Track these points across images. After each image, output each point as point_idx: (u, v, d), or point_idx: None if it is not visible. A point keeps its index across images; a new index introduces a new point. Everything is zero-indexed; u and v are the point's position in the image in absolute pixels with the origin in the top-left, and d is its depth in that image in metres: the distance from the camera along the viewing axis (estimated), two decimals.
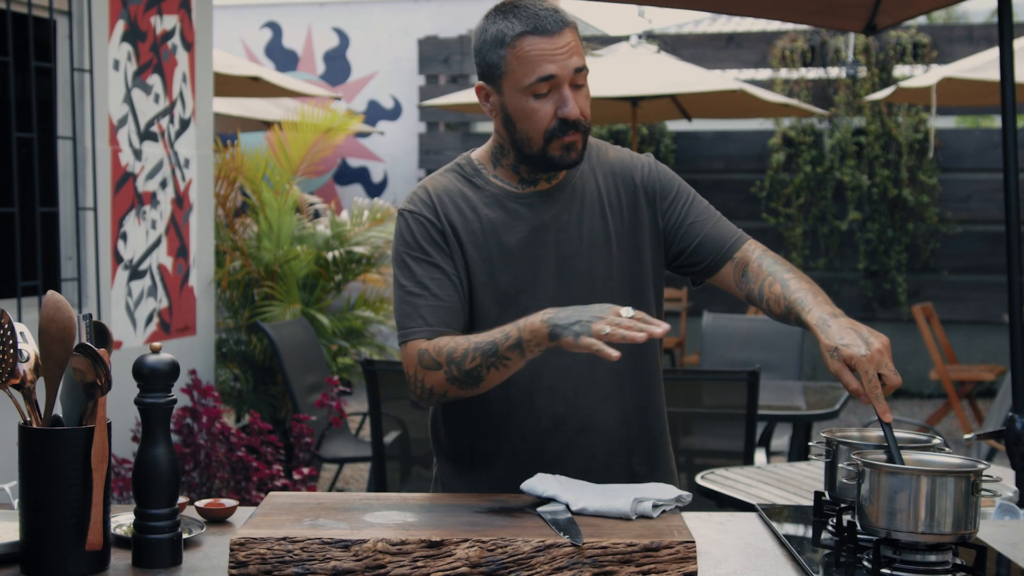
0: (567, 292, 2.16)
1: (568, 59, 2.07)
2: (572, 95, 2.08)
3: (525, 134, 2.12)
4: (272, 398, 6.73)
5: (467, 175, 2.21)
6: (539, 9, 2.08)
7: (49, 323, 1.77)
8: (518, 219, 2.17)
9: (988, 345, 9.55)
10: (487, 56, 2.11)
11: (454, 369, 2.02)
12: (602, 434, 2.20)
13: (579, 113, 2.09)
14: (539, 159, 2.13)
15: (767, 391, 5.03)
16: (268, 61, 11.49)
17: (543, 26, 2.06)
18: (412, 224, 2.16)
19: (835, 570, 1.80)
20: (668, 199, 2.22)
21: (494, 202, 2.18)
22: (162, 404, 1.78)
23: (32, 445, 1.73)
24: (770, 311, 2.10)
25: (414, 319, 2.10)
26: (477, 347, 2.00)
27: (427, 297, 2.11)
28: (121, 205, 5.24)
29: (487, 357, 1.99)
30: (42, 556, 1.72)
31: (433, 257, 2.14)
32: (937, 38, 10.09)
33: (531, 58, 2.06)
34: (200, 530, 1.92)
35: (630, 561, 1.73)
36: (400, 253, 2.16)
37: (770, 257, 2.15)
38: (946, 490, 1.74)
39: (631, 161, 2.26)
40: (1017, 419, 3.07)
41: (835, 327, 1.92)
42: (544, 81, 2.06)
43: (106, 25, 5.09)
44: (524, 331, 1.95)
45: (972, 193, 9.89)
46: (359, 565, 1.72)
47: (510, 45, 2.07)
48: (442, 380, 2.05)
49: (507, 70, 2.09)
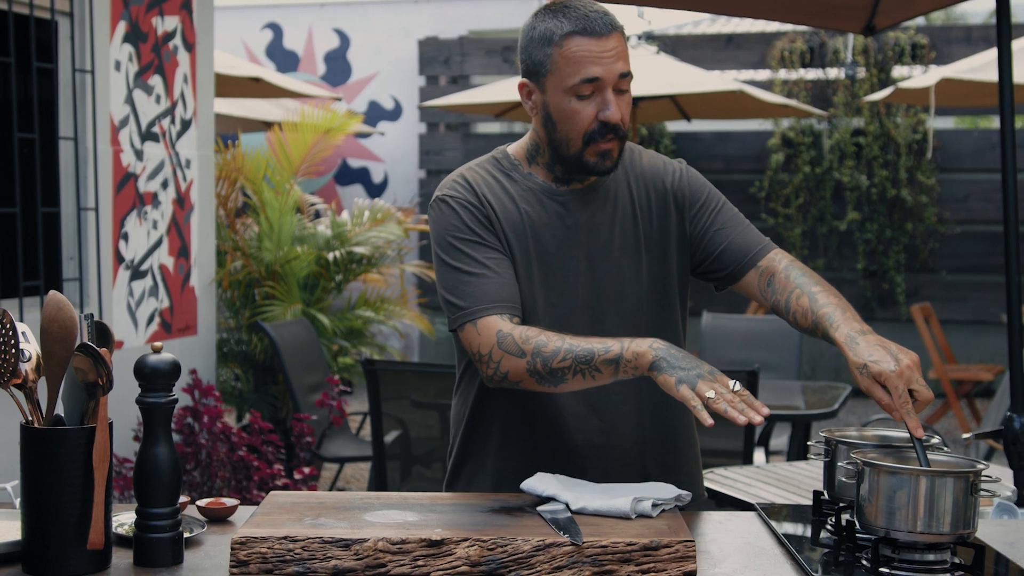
0: (596, 293, 2.17)
1: (614, 63, 2.06)
2: (615, 99, 2.08)
3: (565, 134, 2.11)
4: (273, 398, 6.73)
5: (504, 168, 2.21)
6: (589, 11, 2.08)
7: (51, 323, 1.77)
8: (554, 216, 2.17)
9: (986, 345, 9.55)
10: (533, 53, 2.11)
11: (538, 363, 2.00)
12: (619, 436, 2.20)
13: (620, 117, 2.08)
14: (574, 162, 2.13)
15: (766, 391, 5.03)
16: (269, 62, 11.48)
17: (592, 27, 2.05)
18: (457, 208, 2.14)
19: (834, 569, 1.80)
20: (697, 205, 2.22)
21: (531, 197, 2.18)
22: (163, 404, 1.78)
23: (34, 444, 1.73)
24: (796, 324, 2.09)
25: (480, 298, 2.07)
26: (571, 349, 1.98)
27: (489, 275, 2.09)
28: (122, 205, 5.24)
29: (579, 362, 1.97)
30: (44, 555, 1.72)
31: (485, 239, 2.12)
32: (935, 39, 10.09)
33: (578, 58, 2.06)
34: (201, 529, 1.92)
35: (630, 560, 1.73)
36: (445, 239, 2.13)
37: (798, 268, 2.13)
38: (945, 490, 1.74)
39: (663, 167, 2.26)
40: (1015, 419, 3.07)
41: (863, 344, 1.90)
42: (588, 83, 2.06)
43: (107, 26, 5.09)
44: (627, 351, 1.94)
45: (970, 193, 9.89)
46: (360, 564, 1.72)
47: (557, 44, 2.07)
48: (522, 369, 2.02)
49: (552, 69, 2.08)
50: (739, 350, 6.23)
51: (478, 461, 2.26)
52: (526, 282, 2.15)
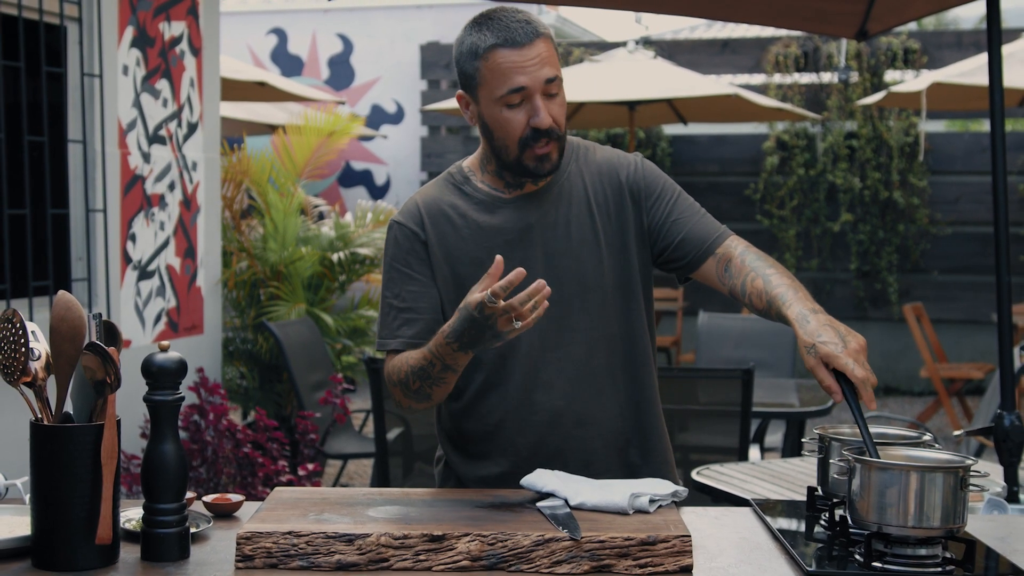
0: (557, 288, 2.15)
1: (539, 70, 2.07)
2: (544, 104, 2.08)
3: (501, 142, 2.13)
4: (278, 395, 6.73)
5: (456, 183, 2.24)
6: (511, 21, 2.08)
7: (60, 322, 1.77)
8: (506, 221, 2.18)
9: (977, 344, 9.55)
10: (464, 66, 2.13)
11: (405, 389, 2.10)
12: (599, 427, 2.20)
13: (550, 122, 2.09)
14: (515, 167, 2.15)
15: (761, 389, 5.02)
16: (274, 66, 11.48)
17: (513, 38, 2.07)
18: (398, 235, 2.21)
19: (828, 563, 1.80)
20: (653, 197, 2.22)
21: (482, 208, 2.19)
22: (170, 401, 1.78)
23: (43, 441, 1.73)
24: (752, 306, 2.10)
25: (386, 331, 2.18)
26: (412, 370, 2.07)
27: (403, 310, 2.16)
28: (130, 207, 5.24)
29: (424, 380, 2.06)
30: (53, 550, 1.72)
31: (414, 268, 2.18)
32: (927, 44, 10.09)
33: (502, 70, 2.07)
34: (207, 524, 1.92)
35: (627, 555, 1.73)
36: (386, 265, 2.22)
37: (753, 252, 2.15)
38: (935, 485, 1.74)
39: (617, 160, 2.26)
40: (1005, 416, 3.07)
41: (814, 323, 1.91)
42: (515, 92, 2.07)
43: (115, 31, 5.09)
44: (444, 356, 2.00)
45: (961, 195, 9.89)
46: (363, 558, 1.72)
47: (483, 57, 2.09)
48: (402, 397, 2.13)
49: (481, 81, 2.10)
50: (735, 349, 6.23)
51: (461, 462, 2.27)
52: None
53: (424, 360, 2.03)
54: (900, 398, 9.84)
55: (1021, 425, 3.04)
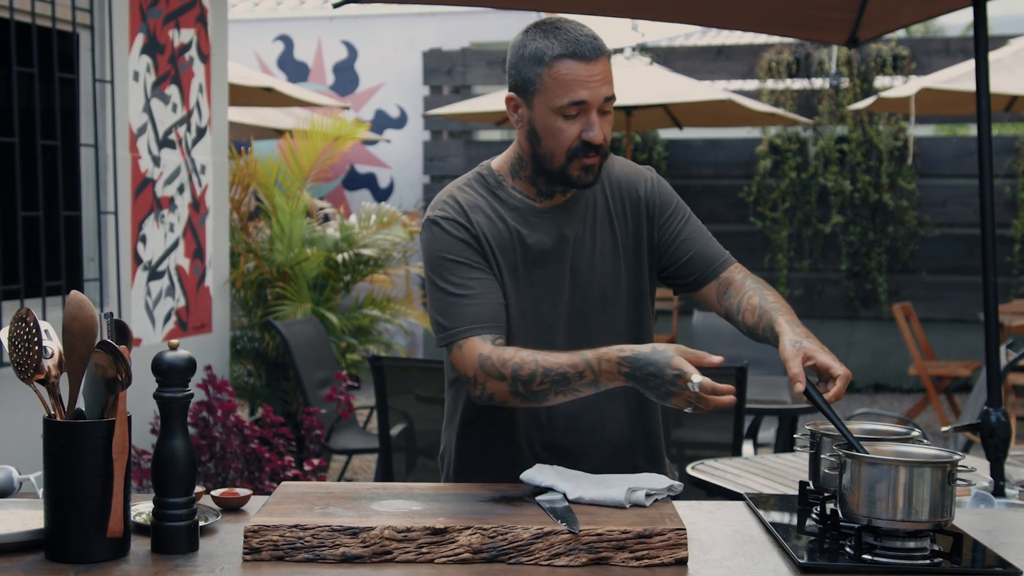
0: (582, 302, 2.17)
1: (600, 87, 2.06)
2: (598, 121, 2.07)
3: (549, 150, 2.10)
4: (284, 392, 6.73)
5: (490, 186, 2.19)
6: (579, 34, 2.06)
7: (72, 321, 1.77)
8: (541, 232, 2.16)
9: (965, 342, 9.55)
10: (523, 71, 2.09)
11: (519, 386, 1.99)
12: (610, 431, 2.21)
13: (602, 139, 2.08)
14: (558, 175, 2.12)
15: (754, 386, 5.02)
16: (280, 72, 11.48)
17: (581, 51, 2.04)
18: (448, 229, 2.12)
19: (819, 556, 1.80)
20: (666, 214, 2.24)
21: (517, 215, 2.16)
22: (179, 398, 1.78)
23: (56, 437, 1.73)
24: (744, 322, 2.14)
25: (464, 319, 2.06)
26: (547, 373, 1.97)
27: (474, 297, 2.08)
28: (141, 209, 5.24)
29: (556, 385, 1.98)
30: (66, 543, 1.72)
31: (472, 260, 2.11)
32: (916, 50, 10.09)
33: (566, 81, 2.04)
34: (216, 518, 1.93)
35: (624, 547, 1.74)
36: (435, 260, 2.12)
37: (752, 278, 2.20)
38: (923, 479, 1.74)
39: (636, 174, 2.26)
40: (992, 412, 3.07)
41: (802, 333, 1.99)
42: (575, 105, 2.05)
43: (126, 38, 5.09)
44: (601, 374, 1.95)
45: (949, 198, 9.89)
46: (367, 551, 1.72)
47: (547, 65, 2.05)
48: (505, 392, 2.01)
49: (541, 88, 2.07)
50: (729, 347, 6.22)
51: (471, 462, 2.25)
52: (515, 296, 2.14)
53: (570, 367, 1.96)
54: (889, 395, 9.83)
55: (1007, 421, 3.04)
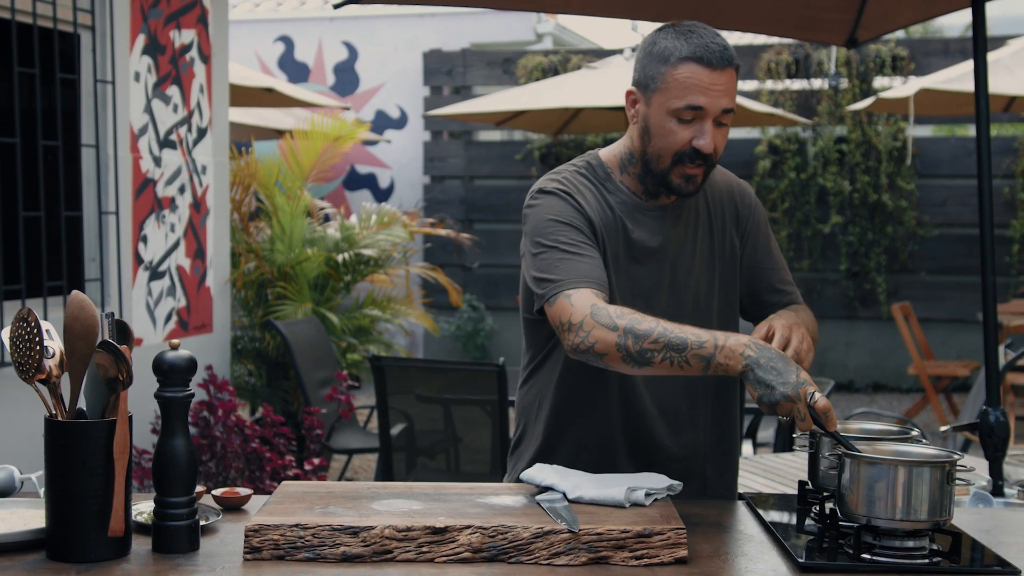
0: (677, 306, 2.15)
1: (721, 97, 2.04)
2: (712, 131, 2.05)
3: (657, 150, 2.09)
4: (285, 392, 6.73)
5: (598, 177, 2.18)
6: (711, 41, 2.04)
7: (73, 321, 1.77)
8: (646, 230, 2.15)
9: (963, 342, 9.55)
10: (648, 67, 2.08)
11: (629, 340, 1.90)
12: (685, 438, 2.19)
13: (712, 149, 2.06)
14: (660, 178, 2.10)
15: None
16: (281, 73, 11.48)
17: (709, 58, 2.02)
18: (563, 197, 2.11)
19: (818, 555, 1.80)
20: (758, 236, 2.26)
21: (624, 208, 2.15)
22: (180, 398, 1.78)
23: (57, 437, 1.73)
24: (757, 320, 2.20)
25: (580, 273, 2.01)
26: (664, 333, 1.90)
27: (587, 258, 2.04)
28: (142, 209, 5.24)
29: (670, 349, 1.89)
30: (67, 542, 1.72)
31: (585, 229, 2.09)
32: (915, 51, 10.09)
33: (687, 84, 2.02)
34: (216, 517, 1.92)
35: (624, 546, 1.74)
36: (547, 222, 2.08)
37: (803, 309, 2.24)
38: (923, 479, 1.74)
39: (737, 187, 2.28)
40: (990, 412, 3.07)
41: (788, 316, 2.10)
42: (692, 110, 2.03)
43: (127, 39, 5.09)
44: (720, 352, 1.89)
45: (948, 198, 9.89)
46: (367, 550, 1.72)
47: (672, 65, 2.04)
48: (611, 343, 1.92)
49: (662, 87, 2.05)
50: None
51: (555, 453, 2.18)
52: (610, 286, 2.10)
53: (692, 334, 1.90)
54: (888, 395, 9.84)
55: (1005, 421, 3.04)
